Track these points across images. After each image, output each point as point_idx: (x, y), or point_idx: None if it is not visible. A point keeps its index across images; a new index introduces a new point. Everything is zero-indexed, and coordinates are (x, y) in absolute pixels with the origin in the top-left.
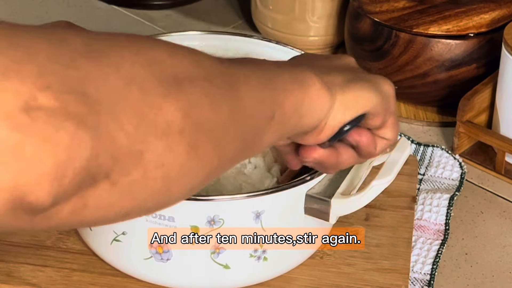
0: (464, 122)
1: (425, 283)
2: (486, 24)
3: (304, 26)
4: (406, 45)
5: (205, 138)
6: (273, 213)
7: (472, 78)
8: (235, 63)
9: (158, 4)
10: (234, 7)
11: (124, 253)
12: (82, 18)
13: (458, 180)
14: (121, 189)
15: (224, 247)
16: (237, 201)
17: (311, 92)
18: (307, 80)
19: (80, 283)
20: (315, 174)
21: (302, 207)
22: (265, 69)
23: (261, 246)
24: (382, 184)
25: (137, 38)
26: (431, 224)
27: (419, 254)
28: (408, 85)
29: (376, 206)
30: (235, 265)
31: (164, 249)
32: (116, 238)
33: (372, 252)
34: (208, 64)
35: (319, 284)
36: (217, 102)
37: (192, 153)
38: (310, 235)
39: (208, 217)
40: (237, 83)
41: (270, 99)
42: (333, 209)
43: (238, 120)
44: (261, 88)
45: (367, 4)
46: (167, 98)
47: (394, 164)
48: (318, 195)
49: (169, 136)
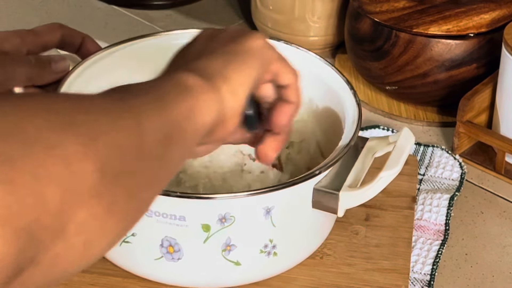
0: (464, 122)
1: (425, 283)
2: (486, 24)
3: (304, 26)
4: (406, 45)
5: (121, 192)
6: (283, 208)
7: (472, 78)
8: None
9: (158, 4)
10: (234, 7)
11: (134, 254)
12: (82, 18)
13: (458, 180)
14: (43, 267)
15: (236, 244)
16: (247, 198)
17: (195, 96)
18: (187, 84)
19: (80, 283)
20: (323, 168)
21: (310, 201)
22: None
23: (271, 242)
24: (390, 175)
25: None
26: (431, 224)
27: (419, 254)
28: (408, 85)
29: (376, 206)
30: (246, 262)
31: (175, 248)
32: (125, 239)
33: (372, 252)
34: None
35: (319, 284)
36: (126, 150)
37: (111, 211)
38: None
39: (219, 215)
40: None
41: (168, 121)
42: (342, 201)
43: (148, 158)
44: (157, 112)
45: (367, 4)
46: (85, 160)
47: (400, 155)
48: (326, 189)
49: (90, 201)
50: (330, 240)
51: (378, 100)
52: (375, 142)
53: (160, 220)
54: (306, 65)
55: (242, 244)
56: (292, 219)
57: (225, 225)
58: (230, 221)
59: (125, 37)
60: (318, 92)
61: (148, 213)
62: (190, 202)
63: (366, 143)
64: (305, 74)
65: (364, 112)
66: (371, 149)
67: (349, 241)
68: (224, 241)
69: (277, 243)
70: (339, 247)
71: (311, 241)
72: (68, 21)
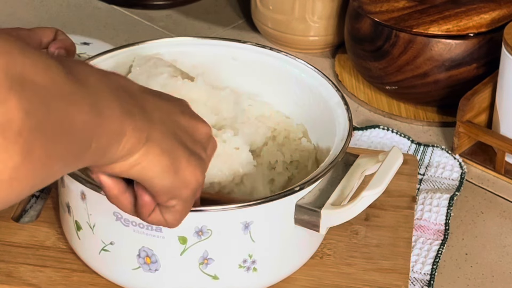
0: (464, 122)
1: (425, 283)
2: (486, 24)
3: (304, 26)
4: (406, 45)
5: (38, 143)
6: (262, 224)
7: (472, 78)
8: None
9: (158, 4)
10: (234, 7)
11: (112, 263)
12: (82, 18)
13: (458, 180)
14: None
15: (213, 258)
16: (225, 212)
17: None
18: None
19: (80, 283)
20: (305, 184)
21: (292, 217)
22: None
23: (250, 257)
24: (372, 195)
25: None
26: (431, 224)
27: (419, 254)
28: (408, 85)
29: (376, 206)
30: (224, 276)
31: (152, 259)
32: (104, 248)
33: (372, 252)
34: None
35: (319, 284)
36: (59, 109)
37: (26, 159)
38: (301, 246)
39: (196, 227)
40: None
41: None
42: (323, 219)
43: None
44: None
45: (367, 4)
46: (11, 94)
47: (384, 175)
48: (308, 206)
49: (7, 134)
50: (330, 240)
51: (378, 100)
52: (366, 160)
53: (137, 230)
54: (304, 77)
55: (220, 258)
56: (273, 235)
57: (202, 238)
58: (207, 234)
59: (125, 37)
60: (317, 108)
61: (125, 223)
62: None
63: (356, 160)
64: (303, 87)
65: (364, 112)
66: (361, 166)
67: (349, 241)
68: (201, 254)
69: (257, 259)
70: (339, 247)
71: (295, 258)
72: (68, 21)
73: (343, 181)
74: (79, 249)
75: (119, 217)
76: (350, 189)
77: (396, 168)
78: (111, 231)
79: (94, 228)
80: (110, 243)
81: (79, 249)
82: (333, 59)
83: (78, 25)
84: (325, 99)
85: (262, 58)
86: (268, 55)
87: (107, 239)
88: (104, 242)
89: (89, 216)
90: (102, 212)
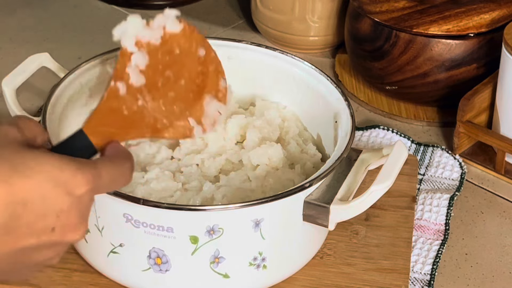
0: (464, 122)
1: (425, 283)
2: (486, 24)
3: (304, 26)
4: (406, 45)
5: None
6: (272, 221)
7: (472, 78)
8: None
9: (158, 4)
10: (234, 7)
11: (121, 265)
12: (82, 18)
13: (458, 180)
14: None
15: (224, 257)
16: (236, 210)
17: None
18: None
19: (80, 283)
20: (314, 181)
21: (300, 214)
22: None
23: (260, 255)
24: (381, 189)
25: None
26: (431, 224)
27: (419, 254)
28: (408, 85)
29: (376, 206)
30: (234, 274)
31: (163, 260)
32: (113, 250)
33: (372, 252)
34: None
35: (319, 284)
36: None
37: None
38: (308, 243)
39: (207, 226)
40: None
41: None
42: (332, 215)
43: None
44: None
45: (367, 4)
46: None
47: (392, 169)
48: (316, 202)
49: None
50: (330, 240)
51: (378, 100)
52: (369, 155)
53: (148, 231)
54: (303, 76)
55: (231, 256)
56: (282, 232)
57: (214, 237)
58: (218, 233)
59: None
60: (318, 106)
61: (135, 224)
62: (178, 214)
63: (360, 155)
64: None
65: (364, 112)
66: (365, 162)
67: (349, 241)
68: (212, 253)
69: (267, 256)
70: (339, 247)
71: (302, 255)
72: (68, 21)
73: (349, 177)
74: (86, 253)
75: (129, 219)
76: (356, 184)
77: (402, 162)
78: (121, 233)
79: (102, 230)
80: (119, 245)
81: (86, 252)
82: (333, 59)
83: (78, 25)
84: (325, 96)
85: (258, 56)
86: (264, 54)
87: (116, 241)
88: (113, 244)
89: (97, 219)
90: (112, 214)
